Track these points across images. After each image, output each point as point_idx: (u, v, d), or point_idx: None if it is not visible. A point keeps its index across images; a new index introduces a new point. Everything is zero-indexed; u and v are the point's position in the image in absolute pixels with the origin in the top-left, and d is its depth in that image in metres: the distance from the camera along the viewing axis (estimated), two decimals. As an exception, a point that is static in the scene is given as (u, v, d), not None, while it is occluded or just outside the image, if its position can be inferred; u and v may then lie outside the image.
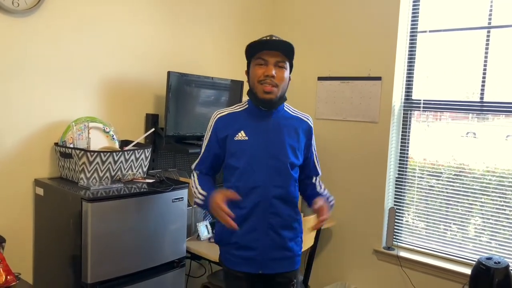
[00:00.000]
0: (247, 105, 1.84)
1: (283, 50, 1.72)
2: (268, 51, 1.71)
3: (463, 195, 2.79)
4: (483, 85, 2.67)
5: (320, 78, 3.27)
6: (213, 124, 1.84)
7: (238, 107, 1.86)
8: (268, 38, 1.73)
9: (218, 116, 1.84)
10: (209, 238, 2.53)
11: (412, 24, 2.95)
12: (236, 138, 1.77)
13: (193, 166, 1.91)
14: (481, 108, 2.69)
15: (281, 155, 1.77)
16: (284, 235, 1.80)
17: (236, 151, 1.77)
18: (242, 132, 1.77)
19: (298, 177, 1.87)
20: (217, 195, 1.64)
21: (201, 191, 1.78)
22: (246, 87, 3.12)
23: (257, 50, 1.73)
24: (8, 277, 1.76)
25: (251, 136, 1.77)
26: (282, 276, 1.83)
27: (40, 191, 2.14)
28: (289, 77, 1.79)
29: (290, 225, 1.82)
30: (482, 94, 2.68)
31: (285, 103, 1.85)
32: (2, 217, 2.09)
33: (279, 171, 1.76)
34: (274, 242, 1.79)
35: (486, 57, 2.66)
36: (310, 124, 1.89)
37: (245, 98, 3.10)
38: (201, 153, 1.88)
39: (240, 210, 1.75)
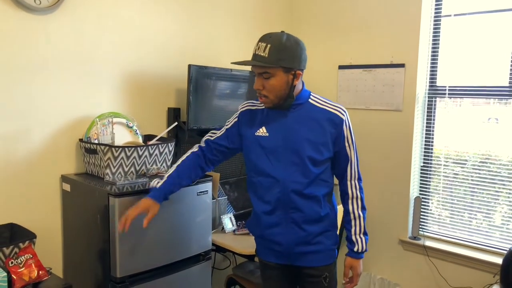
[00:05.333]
0: None
1: (259, 63, 1.65)
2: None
3: (489, 182, 2.72)
4: (511, 69, 2.59)
5: (341, 67, 3.21)
6: (238, 115, 1.88)
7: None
8: (255, 49, 1.68)
9: (245, 108, 1.87)
10: (234, 231, 2.53)
11: (436, 8, 2.86)
12: (257, 134, 1.79)
13: (203, 139, 1.93)
14: (510, 92, 2.60)
15: (299, 150, 1.72)
16: (309, 230, 1.77)
17: (257, 146, 1.78)
18: (263, 128, 1.78)
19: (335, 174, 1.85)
20: (141, 205, 1.78)
21: (164, 178, 1.85)
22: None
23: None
24: (40, 272, 1.80)
25: (271, 132, 1.76)
26: (313, 269, 1.81)
27: (67, 187, 2.16)
28: (292, 73, 1.66)
29: (316, 220, 1.77)
30: (511, 78, 2.59)
31: (314, 94, 1.79)
32: (32, 213, 2.12)
33: (298, 166, 1.73)
34: (299, 237, 1.77)
35: (514, 40, 2.57)
36: (341, 115, 1.74)
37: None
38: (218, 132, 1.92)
39: (265, 205, 1.78)
